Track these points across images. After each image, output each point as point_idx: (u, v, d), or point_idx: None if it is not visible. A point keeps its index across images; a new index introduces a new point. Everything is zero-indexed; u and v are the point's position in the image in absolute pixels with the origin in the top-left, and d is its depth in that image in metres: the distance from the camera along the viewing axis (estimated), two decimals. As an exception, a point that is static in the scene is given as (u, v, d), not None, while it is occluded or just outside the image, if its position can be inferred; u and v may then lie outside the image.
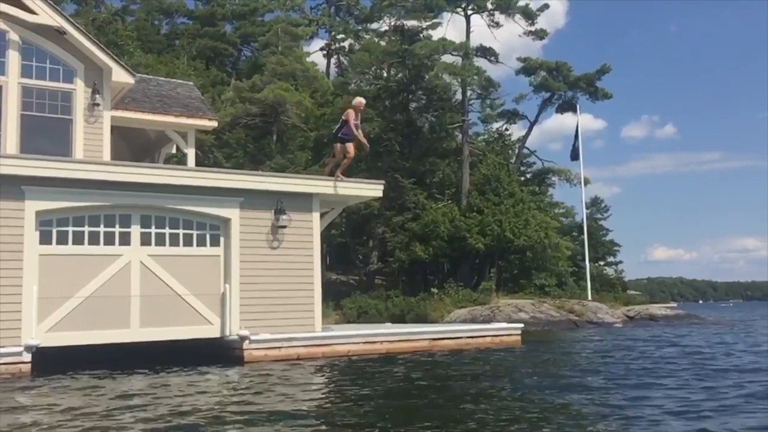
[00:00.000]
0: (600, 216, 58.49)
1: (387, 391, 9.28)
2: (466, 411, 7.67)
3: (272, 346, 13.56)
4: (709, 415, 7.16)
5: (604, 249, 56.12)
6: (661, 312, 32.64)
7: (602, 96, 41.72)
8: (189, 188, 13.80)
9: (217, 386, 10.21)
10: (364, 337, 15.21)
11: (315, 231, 15.60)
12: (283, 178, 15.93)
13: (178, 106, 19.48)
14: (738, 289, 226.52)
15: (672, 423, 6.77)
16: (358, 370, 12.05)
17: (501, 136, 44.92)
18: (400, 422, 7.12)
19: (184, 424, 7.03)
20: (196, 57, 43.25)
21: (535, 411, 7.53)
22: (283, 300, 14.75)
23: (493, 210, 34.88)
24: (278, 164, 32.54)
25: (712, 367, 11.65)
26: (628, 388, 9.16)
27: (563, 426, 6.77)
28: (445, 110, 40.32)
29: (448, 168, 39.70)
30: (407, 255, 35.39)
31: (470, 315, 28.50)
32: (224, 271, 14.26)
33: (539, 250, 35.85)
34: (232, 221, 14.29)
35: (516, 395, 8.82)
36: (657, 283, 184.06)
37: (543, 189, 46.57)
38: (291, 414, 7.59)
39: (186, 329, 13.59)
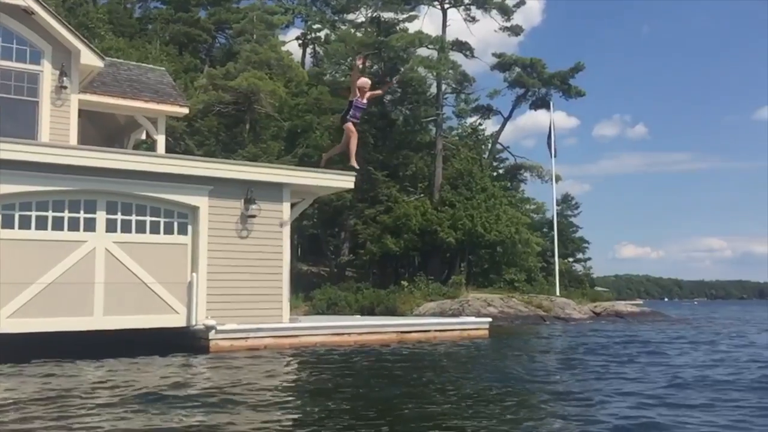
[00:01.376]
0: (570, 213, 59.09)
1: (342, 383, 9.25)
2: (406, 404, 7.66)
3: (239, 337, 13.44)
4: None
5: (573, 246, 56.72)
6: (627, 309, 33.08)
7: (575, 94, 42.07)
8: (157, 175, 13.60)
9: (174, 374, 10.09)
10: (332, 328, 15.17)
11: (285, 221, 15.49)
12: (253, 167, 15.76)
13: (149, 91, 19.18)
14: (703, 288, 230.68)
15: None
16: (323, 362, 12.00)
17: (474, 131, 45.09)
18: (343, 413, 7.10)
19: (134, 410, 7.00)
20: (169, 42, 42.61)
21: (466, 402, 7.68)
22: (251, 290, 14.63)
23: (464, 204, 35.01)
24: (250, 153, 32.24)
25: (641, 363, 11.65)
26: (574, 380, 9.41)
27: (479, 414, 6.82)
28: (420, 103, 40.33)
29: (421, 161, 39.74)
30: (378, 247, 35.38)
31: (439, 308, 28.58)
32: (191, 260, 14.09)
33: (509, 246, 36.08)
34: (201, 209, 14.11)
35: (459, 388, 8.92)
36: (624, 281, 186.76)
37: (515, 185, 46.90)
38: (234, 400, 7.56)
39: (151, 318, 13.41)
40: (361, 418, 6.84)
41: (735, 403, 7.55)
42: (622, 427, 6.24)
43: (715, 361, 12.27)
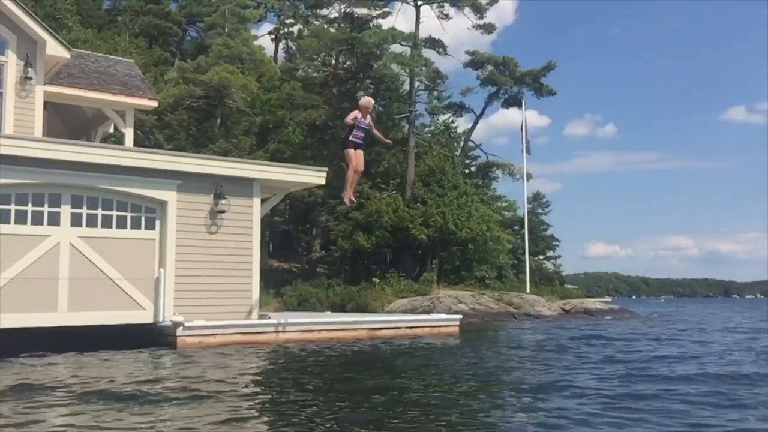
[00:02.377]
0: (541, 211, 59.64)
1: (306, 379, 9.17)
2: (366, 402, 7.64)
3: (207, 333, 13.29)
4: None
5: (544, 243, 57.24)
6: (595, 306, 33.42)
7: (547, 92, 42.30)
8: (124, 169, 13.37)
9: (137, 371, 9.91)
10: (302, 325, 15.07)
11: (255, 217, 15.35)
12: (222, 161, 15.58)
13: (117, 83, 18.85)
14: (670, 286, 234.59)
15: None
16: (290, 359, 11.90)
17: (447, 129, 45.14)
18: (305, 408, 7.05)
19: (92, 407, 6.93)
20: (139, 35, 41.95)
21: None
22: (220, 286, 14.48)
23: (436, 201, 35.05)
24: (221, 148, 31.92)
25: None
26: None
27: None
28: (393, 100, 40.27)
29: (394, 158, 39.67)
30: (350, 244, 35.27)
31: (411, 305, 28.59)
32: (159, 255, 13.89)
33: (481, 243, 36.20)
34: (169, 204, 13.92)
35: (420, 383, 8.97)
36: (594, 278, 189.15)
37: (486, 182, 47.07)
38: (196, 396, 7.48)
39: (117, 314, 13.20)
40: (322, 412, 6.78)
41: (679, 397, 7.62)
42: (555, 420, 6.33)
43: (674, 356, 12.50)
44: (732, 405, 7.21)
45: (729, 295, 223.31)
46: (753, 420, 6.47)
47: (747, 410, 6.91)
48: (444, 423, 6.38)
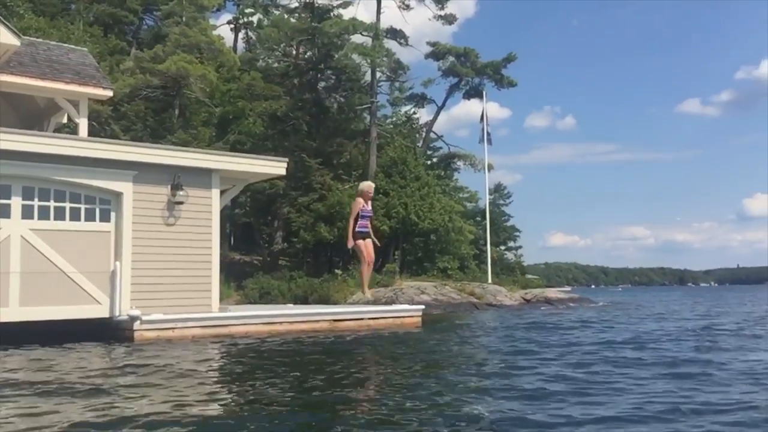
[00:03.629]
0: (502, 202, 60.19)
1: (262, 373, 9.03)
2: (323, 390, 7.60)
3: (165, 327, 13.01)
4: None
5: (505, 234, 57.79)
6: (556, 296, 33.86)
7: (507, 84, 42.62)
8: (76, 159, 12.99)
9: (88, 363, 9.65)
10: (263, 318, 14.87)
11: (214, 208, 15.09)
12: (180, 151, 15.26)
13: (70, 72, 18.31)
14: (627, 275, 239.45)
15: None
16: (249, 351, 11.71)
17: (409, 120, 45.18)
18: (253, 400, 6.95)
19: (38, 395, 6.80)
20: (94, 23, 40.88)
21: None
22: (178, 279, 14.21)
23: (398, 193, 35.05)
24: (180, 139, 31.35)
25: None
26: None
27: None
28: (354, 91, 40.09)
29: (356, 149, 39.54)
30: (312, 236, 35.08)
31: (373, 297, 28.52)
32: (115, 248, 13.55)
33: (443, 234, 36.35)
34: (124, 195, 13.58)
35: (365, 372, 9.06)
36: (554, 268, 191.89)
37: (448, 173, 47.28)
38: (144, 391, 7.32)
39: (71, 309, 12.84)
40: (275, 404, 6.67)
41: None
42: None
43: (624, 340, 12.81)
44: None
45: (684, 283, 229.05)
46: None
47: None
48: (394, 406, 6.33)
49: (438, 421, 5.69)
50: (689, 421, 5.54)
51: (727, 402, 6.39)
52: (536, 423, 5.50)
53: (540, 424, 5.46)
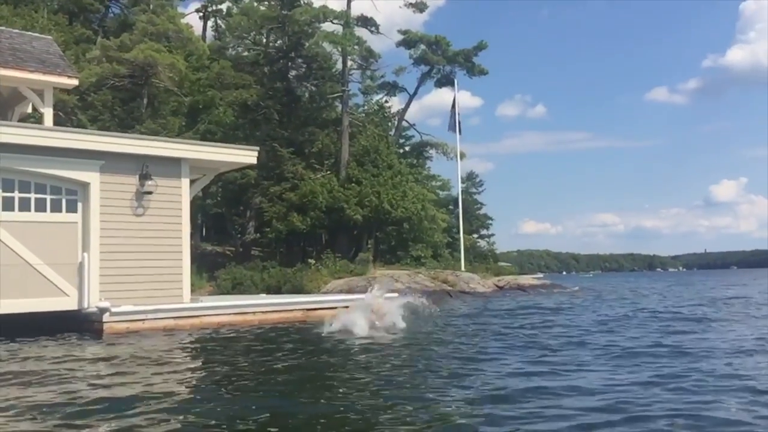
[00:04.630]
0: (475, 190, 60.38)
1: (233, 363, 8.97)
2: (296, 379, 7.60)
3: (135, 319, 12.85)
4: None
5: (478, 222, 58.03)
6: (528, 282, 34.15)
7: (479, 72, 42.61)
8: (41, 149, 12.72)
9: (55, 360, 9.47)
10: (235, 308, 14.77)
11: (184, 198, 14.91)
12: (147, 140, 15.05)
13: (34, 61, 17.88)
14: (598, 261, 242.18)
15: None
16: (220, 341, 11.61)
17: (381, 108, 45.01)
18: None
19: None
20: (58, 11, 39.97)
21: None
22: (148, 270, 14.03)
23: (371, 181, 34.95)
24: (149, 129, 30.84)
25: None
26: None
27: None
28: (325, 79, 39.78)
29: (328, 138, 39.30)
30: (284, 225, 34.86)
31: (347, 286, 28.48)
32: (82, 239, 13.33)
33: (416, 222, 36.36)
34: (91, 186, 13.34)
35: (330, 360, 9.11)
36: (526, 256, 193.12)
37: (421, 162, 47.26)
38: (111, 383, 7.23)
39: (37, 301, 12.61)
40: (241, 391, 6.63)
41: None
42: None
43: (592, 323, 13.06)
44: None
45: (653, 268, 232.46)
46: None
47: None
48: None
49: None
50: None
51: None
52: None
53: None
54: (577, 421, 5.16)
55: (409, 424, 5.35)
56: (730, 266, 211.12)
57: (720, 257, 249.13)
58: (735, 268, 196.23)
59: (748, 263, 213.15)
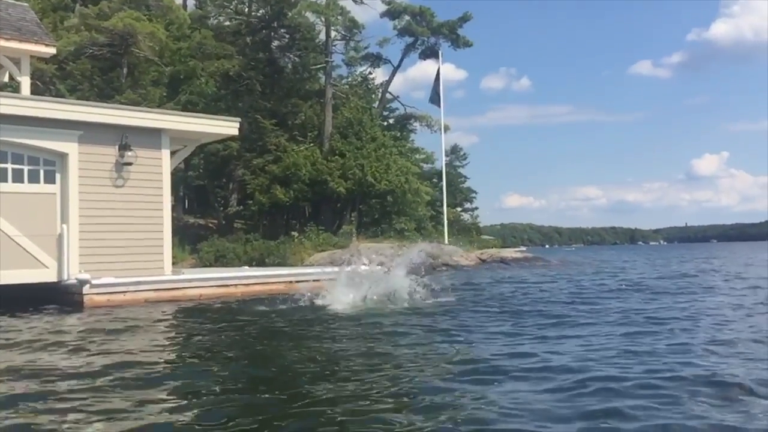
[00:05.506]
0: (459, 164, 60.42)
1: (214, 338, 8.92)
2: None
3: (116, 291, 12.76)
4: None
5: (461, 195, 58.14)
6: (511, 256, 34.31)
7: (463, 44, 42.30)
8: (17, 118, 12.47)
9: (34, 333, 9.38)
10: (217, 280, 14.70)
11: (165, 169, 14.74)
12: (127, 110, 14.81)
13: (9, 28, 17.47)
14: (580, 235, 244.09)
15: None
16: (202, 314, 11.54)
17: (364, 80, 44.65)
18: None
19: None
20: (35, -22, 39.16)
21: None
22: (129, 242, 13.90)
23: (354, 154, 34.77)
24: (129, 99, 30.37)
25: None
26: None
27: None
28: (309, 50, 39.27)
29: (311, 110, 38.96)
30: (267, 198, 34.67)
31: (330, 258, 28.39)
32: (61, 211, 13.14)
33: (399, 195, 36.31)
34: (70, 156, 13.13)
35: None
36: (509, 229, 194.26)
37: (405, 134, 47.04)
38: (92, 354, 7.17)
39: (15, 273, 12.46)
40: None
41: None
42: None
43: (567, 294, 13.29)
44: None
45: (634, 242, 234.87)
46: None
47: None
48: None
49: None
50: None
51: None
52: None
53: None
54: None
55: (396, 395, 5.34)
56: (710, 240, 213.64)
57: (701, 231, 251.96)
58: (715, 241, 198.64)
59: (728, 237, 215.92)
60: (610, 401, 4.80)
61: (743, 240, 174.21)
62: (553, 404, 4.77)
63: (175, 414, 4.71)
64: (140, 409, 4.84)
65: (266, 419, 4.51)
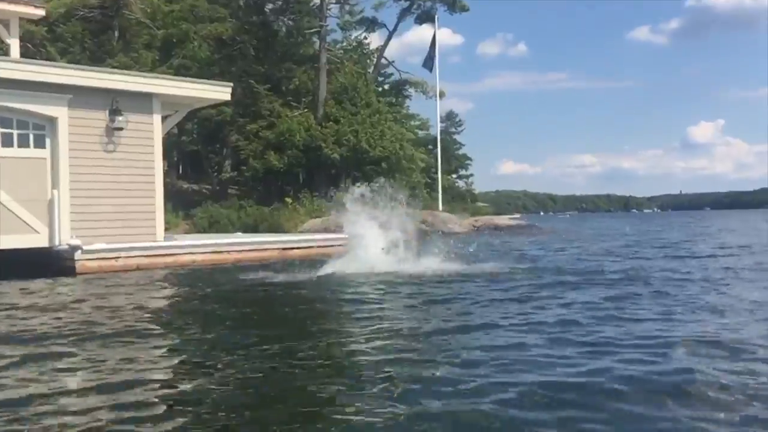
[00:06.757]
0: (454, 130, 60.15)
1: (206, 306, 8.90)
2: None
3: (108, 257, 12.73)
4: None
5: (456, 162, 58.02)
6: (504, 223, 34.38)
7: (460, 8, 41.77)
8: (6, 82, 12.29)
9: (25, 298, 9.38)
10: (210, 246, 14.68)
11: (156, 134, 14.60)
12: (117, 74, 14.61)
13: (-4, -11, 17.15)
14: (574, 203, 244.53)
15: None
16: (195, 279, 11.53)
17: (359, 45, 44.17)
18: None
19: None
20: (23, -63, 38.34)
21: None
22: (121, 208, 13.83)
23: (349, 120, 34.53)
24: (120, 63, 30.03)
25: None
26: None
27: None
28: (303, 14, 38.73)
29: (305, 75, 38.58)
30: (261, 164, 34.52)
31: (324, 225, 28.45)
32: (52, 176, 13.03)
33: (394, 162, 36.17)
34: (59, 120, 12.98)
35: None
36: (504, 196, 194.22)
37: (400, 101, 46.72)
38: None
39: (7, 238, 12.39)
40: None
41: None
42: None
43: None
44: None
45: (629, 209, 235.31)
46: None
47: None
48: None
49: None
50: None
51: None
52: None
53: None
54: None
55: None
56: (704, 207, 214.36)
57: (695, 198, 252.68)
58: (708, 209, 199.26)
59: (722, 204, 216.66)
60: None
61: (737, 207, 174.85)
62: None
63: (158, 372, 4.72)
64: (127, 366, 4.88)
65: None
